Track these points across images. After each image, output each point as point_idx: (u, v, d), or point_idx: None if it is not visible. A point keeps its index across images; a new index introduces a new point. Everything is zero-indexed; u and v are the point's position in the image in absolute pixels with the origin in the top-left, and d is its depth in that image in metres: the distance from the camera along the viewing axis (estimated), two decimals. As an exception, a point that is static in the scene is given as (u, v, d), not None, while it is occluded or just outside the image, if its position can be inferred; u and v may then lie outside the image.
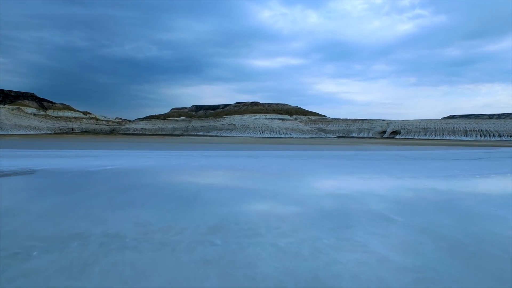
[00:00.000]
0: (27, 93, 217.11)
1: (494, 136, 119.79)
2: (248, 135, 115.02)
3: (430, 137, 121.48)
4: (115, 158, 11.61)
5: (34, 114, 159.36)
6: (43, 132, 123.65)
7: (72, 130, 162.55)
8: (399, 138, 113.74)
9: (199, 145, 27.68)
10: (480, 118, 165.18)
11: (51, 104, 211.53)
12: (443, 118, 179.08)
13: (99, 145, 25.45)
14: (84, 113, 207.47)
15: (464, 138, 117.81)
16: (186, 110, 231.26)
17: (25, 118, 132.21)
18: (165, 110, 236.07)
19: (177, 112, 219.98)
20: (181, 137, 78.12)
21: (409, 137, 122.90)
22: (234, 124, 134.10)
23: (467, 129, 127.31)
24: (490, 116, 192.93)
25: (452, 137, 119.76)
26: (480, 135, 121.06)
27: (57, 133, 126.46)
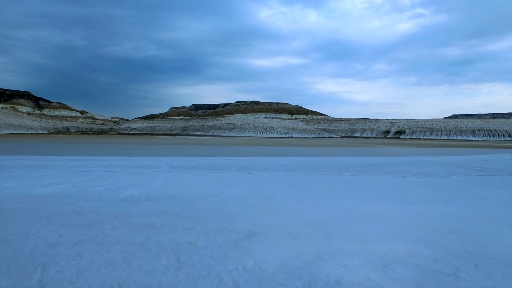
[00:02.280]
0: (23, 91, 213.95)
1: (503, 136, 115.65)
2: (248, 135, 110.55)
3: (437, 137, 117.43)
4: (22, 174, 7.07)
5: (28, 113, 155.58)
6: (35, 132, 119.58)
7: (68, 129, 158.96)
8: (405, 138, 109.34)
9: (186, 147, 23.19)
10: (484, 118, 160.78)
11: (47, 103, 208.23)
12: (446, 118, 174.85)
13: (62, 147, 20.97)
14: (82, 112, 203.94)
15: (472, 138, 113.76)
16: (186, 110, 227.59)
17: (17, 117, 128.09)
18: (165, 109, 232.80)
19: (176, 112, 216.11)
20: (176, 136, 73.59)
21: (415, 137, 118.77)
22: (234, 124, 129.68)
23: (475, 128, 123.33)
24: (494, 116, 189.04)
25: (459, 137, 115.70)
26: (489, 135, 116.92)
27: (51, 133, 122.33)
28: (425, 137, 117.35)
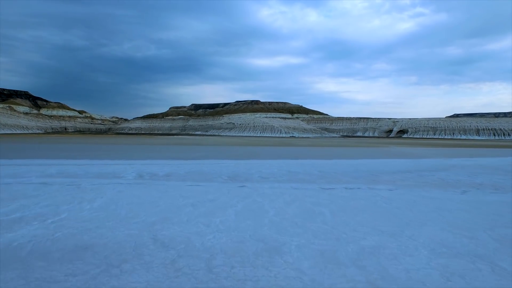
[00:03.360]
0: (21, 91, 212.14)
1: (509, 135, 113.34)
2: (247, 135, 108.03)
3: (440, 136, 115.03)
4: None
5: (26, 113, 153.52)
6: (31, 132, 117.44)
7: (65, 129, 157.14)
8: (408, 138, 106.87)
9: (177, 147, 20.67)
10: (486, 117, 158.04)
11: (45, 103, 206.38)
12: (448, 117, 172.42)
13: (32, 148, 18.41)
14: (80, 112, 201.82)
15: (476, 137, 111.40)
16: (185, 109, 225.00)
17: (13, 117, 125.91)
18: (165, 109, 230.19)
19: (176, 111, 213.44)
20: (174, 136, 71.07)
21: (418, 136, 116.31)
22: (233, 123, 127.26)
23: (479, 127, 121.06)
24: (496, 115, 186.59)
25: (463, 136, 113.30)
26: (494, 134, 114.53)
27: (47, 133, 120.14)
28: (428, 137, 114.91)
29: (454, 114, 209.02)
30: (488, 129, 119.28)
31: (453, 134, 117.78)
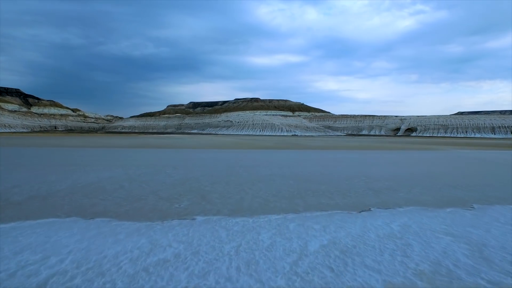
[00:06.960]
0: (12, 89, 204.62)
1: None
2: (246, 133, 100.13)
3: (452, 135, 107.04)
4: None
5: (13, 111, 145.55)
6: (13, 131, 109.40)
7: (55, 128, 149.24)
8: (419, 136, 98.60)
9: (133, 153, 12.81)
10: (492, 115, 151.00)
11: (36, 101, 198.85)
12: (452, 115, 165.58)
13: None
14: (74, 110, 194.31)
15: (492, 135, 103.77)
16: (183, 107, 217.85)
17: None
18: (163, 108, 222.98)
19: (174, 109, 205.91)
20: (164, 135, 63.47)
21: (428, 135, 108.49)
22: (231, 121, 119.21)
23: (494, 125, 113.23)
24: (502, 112, 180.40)
25: (478, 135, 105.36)
26: (511, 132, 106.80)
27: (33, 132, 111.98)
28: (439, 135, 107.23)
29: (458, 112, 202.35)
30: (504, 126, 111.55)
31: (466, 132, 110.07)
